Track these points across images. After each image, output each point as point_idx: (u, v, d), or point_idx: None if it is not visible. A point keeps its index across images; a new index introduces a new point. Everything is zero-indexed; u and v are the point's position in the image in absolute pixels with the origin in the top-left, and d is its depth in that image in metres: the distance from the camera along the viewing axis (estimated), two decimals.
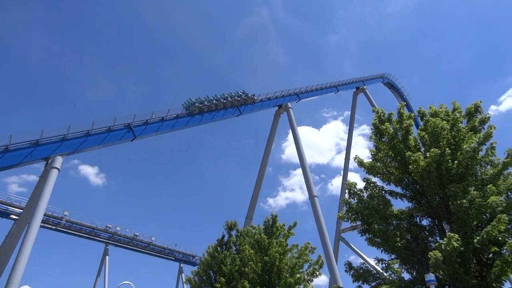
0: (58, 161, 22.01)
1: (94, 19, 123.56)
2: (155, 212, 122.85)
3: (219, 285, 20.04)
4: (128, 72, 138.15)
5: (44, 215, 39.95)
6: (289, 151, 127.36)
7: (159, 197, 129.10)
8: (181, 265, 61.85)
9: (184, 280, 55.53)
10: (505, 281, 11.01)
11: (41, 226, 26.22)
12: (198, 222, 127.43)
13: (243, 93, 35.57)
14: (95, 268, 53.93)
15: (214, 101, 32.99)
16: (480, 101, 13.71)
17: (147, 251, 56.71)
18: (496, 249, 10.69)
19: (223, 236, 25.43)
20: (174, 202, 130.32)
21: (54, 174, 21.46)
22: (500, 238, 10.79)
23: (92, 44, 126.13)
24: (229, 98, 34.42)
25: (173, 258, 60.72)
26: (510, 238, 10.93)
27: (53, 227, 45.51)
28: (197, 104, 31.74)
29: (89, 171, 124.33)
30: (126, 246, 54.30)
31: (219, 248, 24.58)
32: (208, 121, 33.10)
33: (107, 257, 52.74)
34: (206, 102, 32.33)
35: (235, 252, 23.82)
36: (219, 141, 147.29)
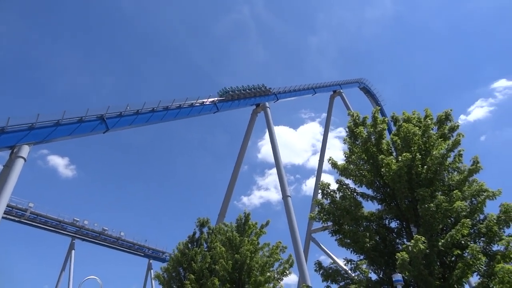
0: (25, 150, 21.08)
1: (68, 3, 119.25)
2: (126, 206, 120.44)
3: (188, 282, 19.83)
4: (103, 63, 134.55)
5: (7, 206, 38.42)
6: (265, 150, 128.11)
7: (131, 191, 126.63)
8: (151, 261, 60.98)
9: (153, 276, 54.70)
10: (465, 283, 11.47)
11: (3, 218, 25.05)
12: (169, 218, 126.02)
13: (262, 86, 40.08)
14: (60, 262, 52.30)
15: (242, 91, 37.87)
16: (451, 110, 14.19)
17: (116, 246, 55.51)
18: (459, 252, 11.10)
19: (194, 233, 25.20)
20: (145, 197, 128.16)
21: (19, 163, 20.55)
22: (463, 242, 11.21)
23: (65, 30, 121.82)
24: (252, 90, 38.95)
25: (143, 254, 59.77)
26: (472, 242, 11.38)
27: (17, 219, 43.71)
28: (230, 92, 36.66)
29: (58, 162, 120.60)
30: (93, 240, 52.93)
31: (190, 245, 24.34)
32: (185, 116, 32.73)
33: (73, 251, 51.23)
34: (236, 91, 37.36)
35: (206, 249, 23.65)
36: (194, 137, 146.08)
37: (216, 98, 35.42)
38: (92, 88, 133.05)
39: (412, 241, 10.65)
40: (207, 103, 34.41)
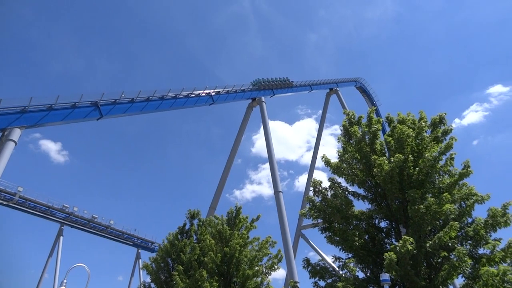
0: (16, 133, 20.79)
1: None
2: (117, 195, 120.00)
3: (177, 273, 19.84)
4: (99, 48, 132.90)
5: None
6: (259, 145, 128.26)
7: (123, 180, 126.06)
8: (139, 250, 60.95)
9: (141, 266, 54.75)
10: (450, 284, 11.65)
11: None
12: (160, 208, 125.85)
13: (286, 79, 43.37)
14: (47, 248, 52.02)
15: (271, 82, 41.04)
16: (445, 113, 14.30)
17: (105, 235, 55.34)
18: (446, 254, 11.26)
19: (184, 224, 25.19)
20: (137, 187, 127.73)
21: (9, 147, 20.27)
22: (450, 244, 11.36)
23: (62, 12, 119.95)
24: (278, 82, 42.17)
25: (131, 244, 59.71)
26: (459, 245, 11.55)
27: (5, 203, 43.31)
28: (262, 83, 39.84)
29: (51, 147, 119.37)
30: (82, 227, 52.71)
31: (179, 236, 24.33)
32: (180, 107, 32.50)
33: (61, 237, 50.95)
34: (266, 82, 40.45)
35: (195, 241, 23.66)
36: (188, 128, 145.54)
37: (212, 90, 35.21)
38: (86, 72, 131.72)
39: (401, 241, 10.77)
40: (203, 94, 34.20)
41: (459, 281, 12.29)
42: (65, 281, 14.39)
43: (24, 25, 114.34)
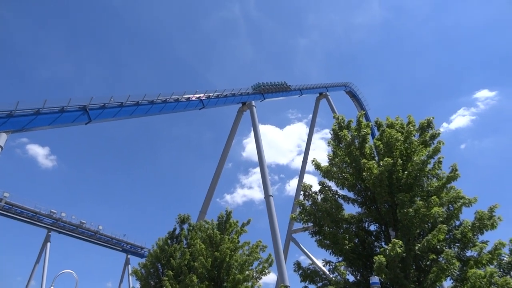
0: (2, 138, 20.46)
1: None
2: (106, 200, 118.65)
3: (166, 278, 19.65)
4: (88, 53, 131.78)
5: None
6: (250, 149, 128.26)
7: (112, 185, 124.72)
8: (129, 256, 60.31)
9: (130, 272, 54.06)
10: (439, 287, 11.76)
11: None
12: (150, 213, 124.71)
13: (284, 83, 44.70)
14: (34, 255, 51.06)
15: (270, 86, 42.48)
16: (433, 117, 14.48)
17: (93, 240, 54.62)
18: (434, 256, 11.38)
19: (174, 229, 25.00)
20: (127, 192, 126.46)
21: None
22: (438, 247, 11.50)
23: (50, 17, 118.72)
24: (277, 86, 43.56)
25: (121, 249, 59.06)
26: (447, 247, 11.68)
27: None
28: (262, 86, 41.33)
29: (38, 151, 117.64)
30: (70, 233, 51.93)
31: (169, 241, 24.13)
32: (170, 111, 32.37)
33: (48, 243, 50.05)
34: (266, 86, 42.01)
35: (185, 246, 23.49)
36: (178, 132, 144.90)
37: (202, 94, 35.16)
38: (75, 77, 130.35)
39: (390, 244, 10.84)
40: (193, 99, 34.12)
41: (447, 283, 12.43)
42: (52, 287, 14.12)
43: (11, 30, 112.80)
